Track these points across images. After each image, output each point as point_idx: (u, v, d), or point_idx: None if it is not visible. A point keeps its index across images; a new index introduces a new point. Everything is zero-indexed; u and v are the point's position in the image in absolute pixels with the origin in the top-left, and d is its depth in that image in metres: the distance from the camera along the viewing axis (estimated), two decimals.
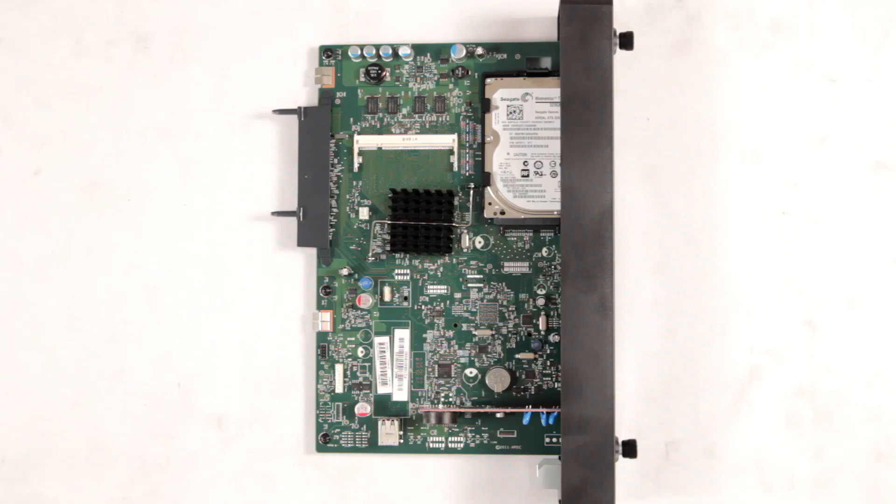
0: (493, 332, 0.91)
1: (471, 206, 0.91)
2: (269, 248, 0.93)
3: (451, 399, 0.91)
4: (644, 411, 0.91)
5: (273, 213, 0.92)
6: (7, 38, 0.94)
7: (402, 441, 0.91)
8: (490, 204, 0.90)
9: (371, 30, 0.93)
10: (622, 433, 0.90)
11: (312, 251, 0.92)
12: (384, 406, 0.91)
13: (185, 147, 0.93)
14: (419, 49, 0.92)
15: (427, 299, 0.91)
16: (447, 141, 0.91)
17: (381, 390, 0.91)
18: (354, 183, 0.92)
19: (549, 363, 0.91)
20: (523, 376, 0.91)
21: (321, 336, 0.92)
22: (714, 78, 0.92)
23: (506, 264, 0.91)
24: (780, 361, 0.91)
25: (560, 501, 0.84)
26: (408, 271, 0.92)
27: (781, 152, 0.91)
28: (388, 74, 0.92)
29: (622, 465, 0.89)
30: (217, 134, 0.93)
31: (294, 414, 0.92)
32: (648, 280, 0.91)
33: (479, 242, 0.91)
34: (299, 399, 0.92)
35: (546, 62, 0.89)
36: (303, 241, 0.92)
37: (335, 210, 0.92)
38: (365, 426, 0.91)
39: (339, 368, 0.92)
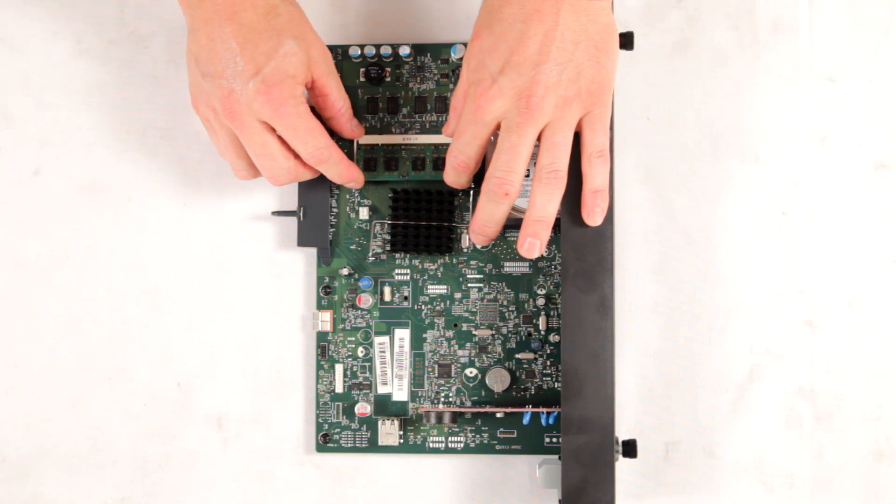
0: (493, 332, 0.91)
1: (471, 206, 0.91)
2: (269, 248, 0.93)
3: (451, 399, 0.91)
4: (644, 411, 0.91)
5: (273, 213, 0.92)
6: (7, 38, 0.94)
7: (402, 441, 0.91)
8: None
9: (371, 30, 0.93)
10: (622, 433, 0.90)
11: (312, 251, 0.92)
12: (384, 406, 0.91)
13: (185, 147, 0.93)
14: (419, 49, 0.92)
15: (427, 299, 0.91)
16: (447, 141, 0.91)
17: (381, 390, 0.91)
18: None
19: (549, 363, 0.91)
20: (523, 376, 0.91)
21: (321, 336, 0.92)
22: (714, 78, 0.92)
23: (506, 264, 0.91)
24: (780, 361, 0.91)
25: (560, 501, 0.84)
26: (408, 271, 0.92)
27: (781, 152, 0.91)
28: (388, 74, 0.92)
29: (622, 465, 0.89)
30: None
31: (294, 414, 0.92)
32: (648, 280, 0.91)
33: None
34: (299, 399, 0.92)
35: None
36: (303, 241, 0.92)
37: (335, 210, 0.92)
38: (365, 426, 0.91)
39: (339, 368, 0.92)
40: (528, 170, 0.84)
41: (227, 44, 0.81)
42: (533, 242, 0.82)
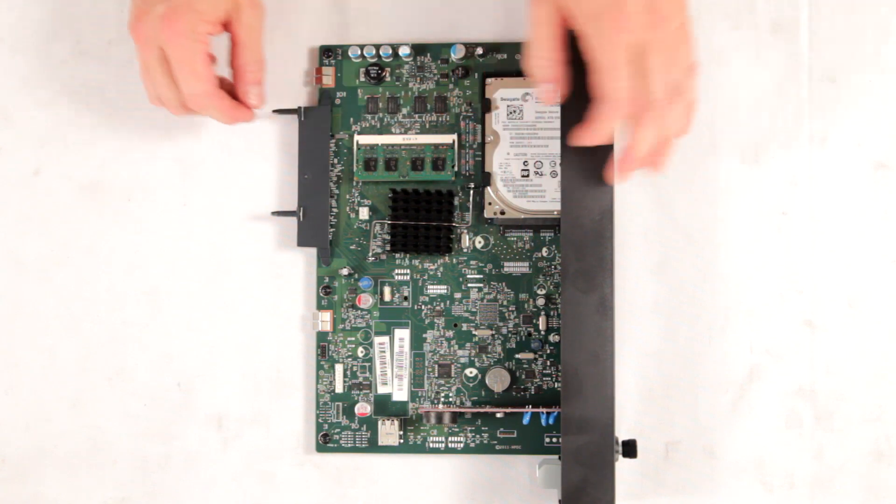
0: (493, 332, 0.91)
1: (471, 206, 0.91)
2: (269, 248, 0.93)
3: (451, 399, 0.91)
4: (644, 411, 0.91)
5: (273, 213, 0.92)
6: (7, 38, 0.94)
7: (401, 441, 0.91)
8: (490, 204, 0.90)
9: (371, 30, 0.93)
10: (622, 433, 0.90)
11: (312, 251, 0.92)
12: (384, 406, 0.91)
13: (185, 147, 0.93)
14: (419, 49, 0.92)
15: (427, 299, 0.91)
16: (447, 141, 0.91)
17: (381, 390, 0.91)
18: (354, 183, 0.92)
19: (549, 363, 0.91)
20: (523, 376, 0.91)
21: (321, 336, 0.92)
22: (714, 78, 0.92)
23: (506, 264, 0.91)
24: (780, 361, 0.91)
25: (560, 501, 0.84)
26: (408, 271, 0.92)
27: (781, 152, 0.91)
28: (388, 74, 0.92)
29: (622, 465, 0.89)
30: (217, 134, 0.93)
31: (294, 414, 0.92)
32: (648, 280, 0.91)
33: (479, 242, 0.91)
34: (299, 399, 0.92)
35: None
36: (303, 241, 0.92)
37: (335, 210, 0.92)
38: (365, 426, 0.91)
39: (339, 368, 0.92)
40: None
41: None
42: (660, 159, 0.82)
